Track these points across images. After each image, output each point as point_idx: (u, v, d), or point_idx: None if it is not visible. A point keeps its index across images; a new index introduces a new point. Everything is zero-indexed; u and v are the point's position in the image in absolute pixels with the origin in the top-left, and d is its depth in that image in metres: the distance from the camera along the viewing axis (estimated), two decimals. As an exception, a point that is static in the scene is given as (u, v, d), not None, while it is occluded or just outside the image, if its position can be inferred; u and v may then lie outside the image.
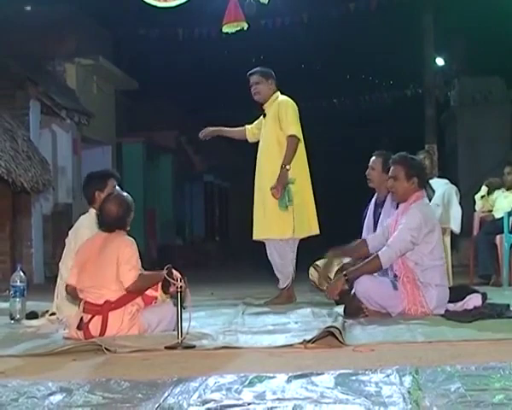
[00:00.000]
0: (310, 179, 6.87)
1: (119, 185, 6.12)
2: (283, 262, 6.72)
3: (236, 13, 7.72)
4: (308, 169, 6.85)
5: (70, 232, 5.68)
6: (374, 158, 6.37)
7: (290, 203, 6.54)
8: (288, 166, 6.57)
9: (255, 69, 6.90)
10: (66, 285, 5.04)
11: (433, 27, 15.05)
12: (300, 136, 6.73)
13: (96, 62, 14.58)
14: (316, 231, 6.87)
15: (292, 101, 6.83)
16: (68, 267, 5.48)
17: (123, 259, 4.68)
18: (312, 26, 14.00)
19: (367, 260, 5.50)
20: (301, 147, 6.78)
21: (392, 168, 5.57)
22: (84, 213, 5.75)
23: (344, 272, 5.46)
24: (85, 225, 5.53)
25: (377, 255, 5.36)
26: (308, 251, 6.86)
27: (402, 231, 5.32)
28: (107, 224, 4.86)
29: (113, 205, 4.86)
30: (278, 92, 6.88)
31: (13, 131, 10.81)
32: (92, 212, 5.64)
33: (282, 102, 6.78)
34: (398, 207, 5.69)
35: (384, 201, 6.24)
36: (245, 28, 7.87)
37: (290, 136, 6.65)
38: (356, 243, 5.82)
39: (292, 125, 6.68)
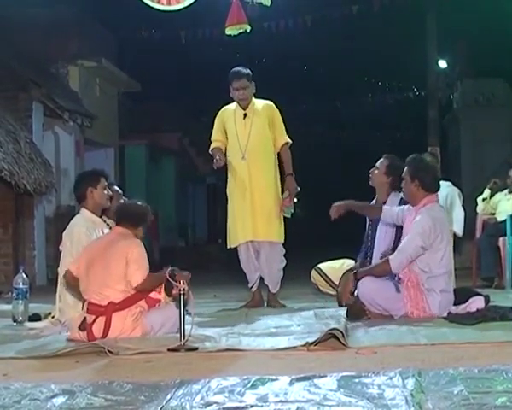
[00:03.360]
0: None
1: (120, 188, 6.17)
2: (281, 266, 6.72)
3: (239, 15, 7.71)
4: None
5: (64, 235, 5.69)
6: (382, 159, 6.39)
7: (294, 210, 6.57)
8: (293, 175, 6.63)
9: (240, 71, 6.68)
10: (66, 271, 5.04)
11: (435, 30, 15.03)
12: None
13: (98, 64, 14.59)
14: None
15: None
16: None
17: (132, 258, 4.71)
18: (315, 29, 14.00)
19: (377, 262, 5.54)
20: None
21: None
22: (75, 215, 5.81)
23: (354, 271, 5.47)
24: (79, 224, 5.58)
25: (388, 260, 5.34)
26: (308, 253, 6.85)
27: (412, 237, 5.30)
28: (122, 212, 5.08)
29: (137, 202, 5.17)
30: None
31: (16, 133, 10.80)
32: (84, 211, 5.68)
33: (272, 107, 6.73)
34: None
35: (384, 203, 6.22)
36: (248, 30, 7.86)
37: (287, 143, 6.70)
38: (373, 204, 6.13)
39: (284, 133, 6.73)
